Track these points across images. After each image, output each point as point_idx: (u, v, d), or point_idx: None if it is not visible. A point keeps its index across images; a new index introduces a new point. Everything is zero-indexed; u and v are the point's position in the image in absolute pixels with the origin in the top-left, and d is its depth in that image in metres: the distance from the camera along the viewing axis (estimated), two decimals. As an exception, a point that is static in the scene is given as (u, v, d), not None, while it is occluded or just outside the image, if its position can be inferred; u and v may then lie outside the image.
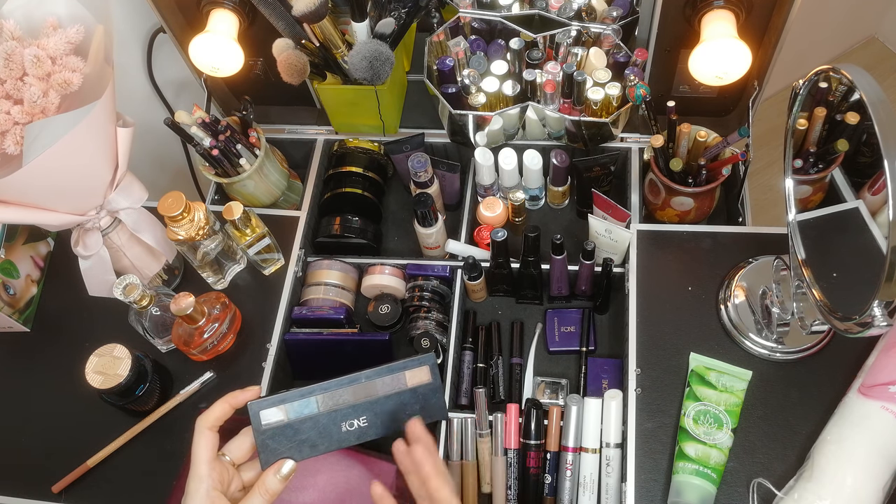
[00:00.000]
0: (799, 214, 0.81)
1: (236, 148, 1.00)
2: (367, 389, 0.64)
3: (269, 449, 0.61)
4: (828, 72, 0.70)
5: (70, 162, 0.79)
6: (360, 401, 0.64)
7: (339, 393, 0.63)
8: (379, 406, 0.64)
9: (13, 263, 1.02)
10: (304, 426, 0.61)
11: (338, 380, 0.63)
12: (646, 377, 0.86)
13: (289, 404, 0.61)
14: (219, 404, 0.61)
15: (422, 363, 0.67)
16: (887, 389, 0.74)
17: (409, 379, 0.66)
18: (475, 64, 1.04)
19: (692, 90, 1.05)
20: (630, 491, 0.80)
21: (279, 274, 1.02)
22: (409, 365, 0.66)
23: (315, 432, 0.62)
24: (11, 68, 0.77)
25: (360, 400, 0.64)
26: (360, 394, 0.64)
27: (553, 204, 1.10)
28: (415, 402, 0.66)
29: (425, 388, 0.66)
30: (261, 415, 0.61)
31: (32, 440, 0.96)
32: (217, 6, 0.98)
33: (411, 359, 0.66)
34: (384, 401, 0.64)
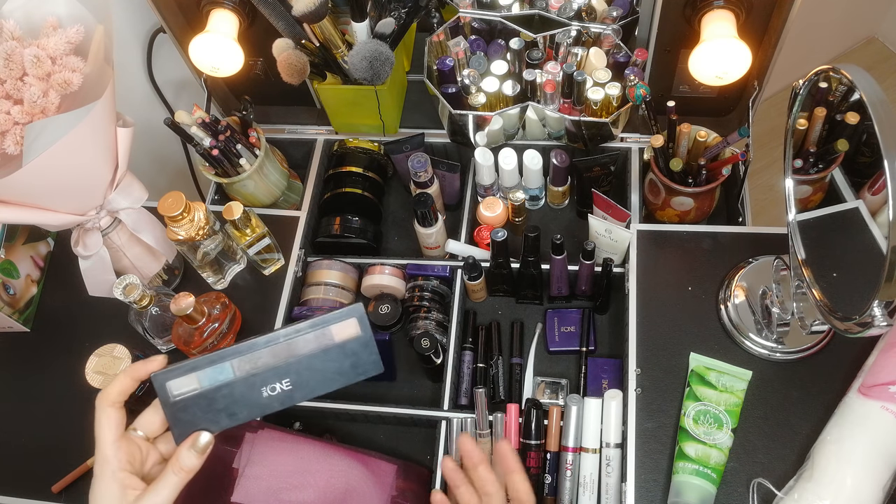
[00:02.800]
0: (799, 214, 0.81)
1: (236, 148, 1.00)
2: (289, 349, 0.57)
3: (182, 422, 0.55)
4: (828, 72, 0.70)
5: (70, 162, 0.79)
6: (281, 362, 0.57)
7: (256, 356, 0.56)
8: (303, 366, 0.57)
9: (13, 263, 1.02)
10: (220, 394, 0.56)
11: (253, 340, 0.56)
12: (646, 377, 0.86)
13: (200, 372, 0.55)
14: (120, 378, 0.56)
15: (349, 315, 0.58)
16: (887, 389, 0.74)
17: (335, 334, 0.58)
18: (475, 64, 1.04)
19: (692, 90, 1.05)
20: (630, 491, 0.80)
21: (279, 274, 1.02)
22: (333, 318, 0.58)
23: (232, 400, 0.56)
24: (11, 68, 0.77)
25: (280, 362, 0.57)
26: (280, 354, 0.57)
27: (553, 204, 1.10)
28: (344, 359, 0.59)
29: (355, 343, 0.58)
30: (168, 386, 0.55)
31: (32, 440, 0.96)
32: (217, 6, 0.98)
33: (336, 311, 0.58)
34: (309, 360, 0.57)
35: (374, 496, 0.82)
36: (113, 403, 0.56)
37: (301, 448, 0.83)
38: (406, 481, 0.86)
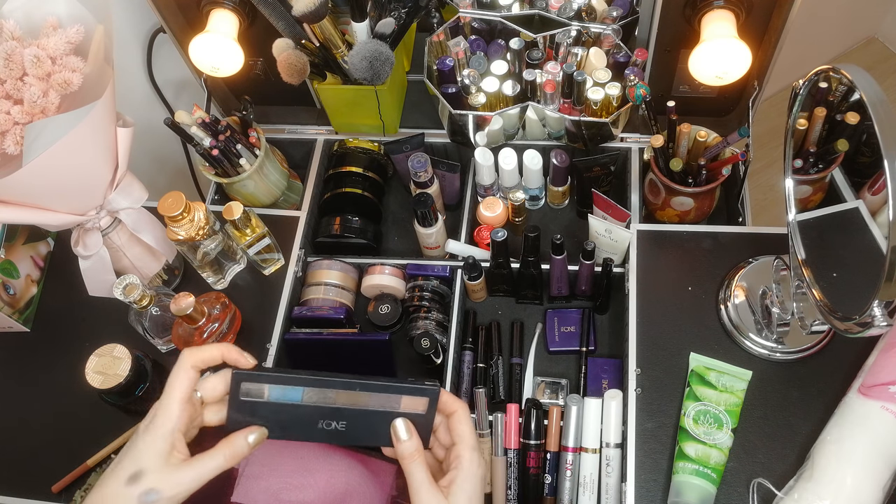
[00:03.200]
0: (799, 214, 0.81)
1: (236, 148, 1.00)
2: (358, 398, 0.59)
3: (240, 413, 0.57)
4: (828, 72, 0.70)
5: (70, 162, 0.79)
6: (345, 406, 0.59)
7: (328, 392, 0.58)
8: (362, 417, 0.60)
9: (13, 263, 1.02)
10: (282, 410, 0.58)
11: (332, 378, 0.58)
12: (646, 377, 0.86)
13: (273, 386, 0.57)
14: (213, 348, 0.57)
15: (423, 394, 0.60)
16: (887, 389, 0.74)
17: (403, 404, 0.60)
18: (475, 64, 1.04)
19: (692, 90, 1.05)
20: (630, 491, 0.80)
21: (279, 274, 1.02)
22: (409, 391, 0.60)
23: (290, 419, 0.58)
24: (11, 68, 0.77)
25: (345, 405, 0.59)
26: (348, 400, 0.59)
27: (553, 204, 1.10)
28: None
29: (416, 418, 0.61)
30: (242, 386, 0.56)
31: (32, 440, 0.96)
32: (217, 6, 0.98)
33: (414, 385, 0.60)
34: (370, 414, 0.60)
35: (374, 496, 0.82)
36: (195, 366, 0.56)
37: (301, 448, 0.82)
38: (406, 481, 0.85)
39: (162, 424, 0.54)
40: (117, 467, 0.54)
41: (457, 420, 0.60)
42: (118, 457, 0.55)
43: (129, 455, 0.54)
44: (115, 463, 0.54)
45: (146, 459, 0.54)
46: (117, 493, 0.53)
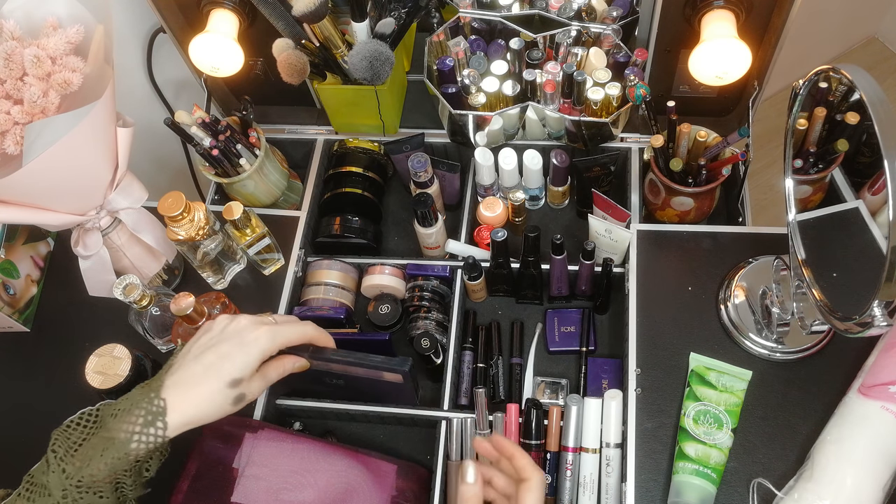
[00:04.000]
0: (799, 214, 0.81)
1: (236, 148, 1.00)
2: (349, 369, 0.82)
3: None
4: (828, 72, 0.70)
5: (70, 162, 0.79)
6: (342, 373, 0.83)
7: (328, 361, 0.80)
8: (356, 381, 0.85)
9: (13, 263, 1.02)
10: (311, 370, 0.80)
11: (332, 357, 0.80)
12: (646, 377, 0.86)
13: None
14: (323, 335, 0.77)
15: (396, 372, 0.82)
16: (887, 389, 0.74)
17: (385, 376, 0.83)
18: (475, 64, 1.04)
19: (692, 90, 1.05)
20: (630, 491, 0.80)
21: (279, 274, 1.02)
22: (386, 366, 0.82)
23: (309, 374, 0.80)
24: (11, 68, 0.77)
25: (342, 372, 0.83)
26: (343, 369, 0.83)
27: (553, 204, 1.10)
28: (388, 390, 0.86)
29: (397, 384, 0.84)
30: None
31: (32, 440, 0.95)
32: (217, 6, 0.98)
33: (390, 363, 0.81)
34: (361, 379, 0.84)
35: (374, 496, 0.82)
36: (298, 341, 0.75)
37: (301, 448, 0.83)
38: (406, 481, 0.86)
39: (262, 350, 0.70)
40: (222, 371, 0.67)
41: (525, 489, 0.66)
42: (217, 359, 0.68)
43: (235, 363, 0.68)
44: (218, 367, 0.68)
45: (245, 371, 0.69)
46: (221, 392, 0.67)
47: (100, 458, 0.62)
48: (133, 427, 0.64)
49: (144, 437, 0.64)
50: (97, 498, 0.63)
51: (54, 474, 0.62)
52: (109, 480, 0.63)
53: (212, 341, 0.70)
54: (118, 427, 0.64)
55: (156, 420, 0.64)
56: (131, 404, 0.65)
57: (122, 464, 0.63)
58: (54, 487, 0.62)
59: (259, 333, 0.70)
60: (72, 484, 0.62)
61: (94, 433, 0.65)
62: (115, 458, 0.63)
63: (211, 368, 0.67)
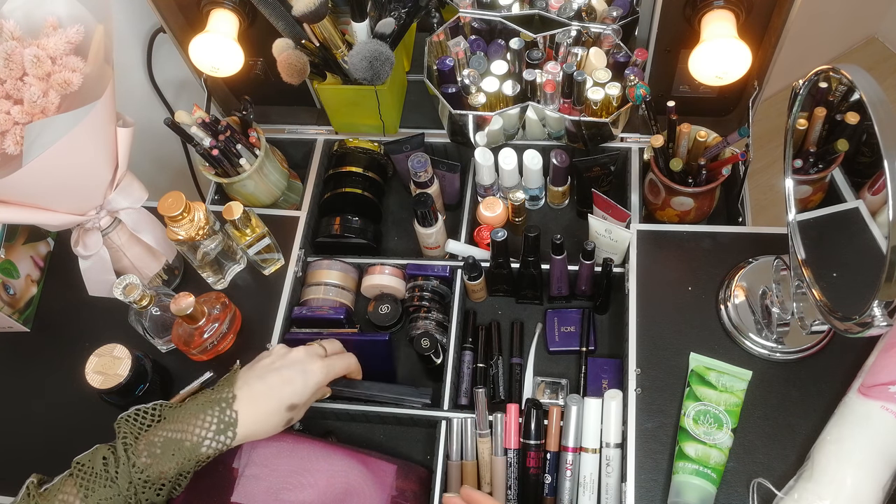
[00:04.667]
0: (799, 214, 0.81)
1: (236, 148, 1.00)
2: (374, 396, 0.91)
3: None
4: (828, 72, 0.70)
5: (70, 162, 0.79)
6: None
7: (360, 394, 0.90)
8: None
9: (13, 263, 1.02)
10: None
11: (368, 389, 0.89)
12: (646, 377, 0.86)
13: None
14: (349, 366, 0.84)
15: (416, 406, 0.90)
16: (887, 389, 0.74)
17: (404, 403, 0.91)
18: (475, 64, 1.04)
19: (692, 90, 1.05)
20: (630, 491, 0.80)
21: (279, 274, 1.02)
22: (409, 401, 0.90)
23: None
24: (11, 68, 0.77)
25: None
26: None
27: (553, 204, 1.10)
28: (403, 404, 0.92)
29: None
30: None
31: (32, 440, 0.96)
32: (217, 6, 0.98)
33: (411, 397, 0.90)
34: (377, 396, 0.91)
35: (374, 496, 0.82)
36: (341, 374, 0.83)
37: (301, 448, 0.83)
38: (406, 481, 0.86)
39: (318, 382, 0.77)
40: (283, 394, 0.73)
41: None
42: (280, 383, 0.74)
43: (295, 390, 0.74)
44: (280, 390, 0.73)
45: (302, 398, 0.75)
46: (278, 412, 0.73)
47: (171, 457, 0.67)
48: (206, 432, 0.69)
49: (216, 443, 0.69)
50: (155, 494, 0.67)
51: (123, 466, 0.66)
52: (173, 479, 0.68)
53: (275, 365, 0.75)
54: (188, 430, 0.68)
55: (227, 429, 0.69)
56: (200, 409, 0.70)
57: (190, 465, 0.68)
58: (122, 479, 0.65)
59: (317, 367, 0.77)
60: (139, 478, 0.66)
61: (155, 430, 0.69)
62: (186, 459, 0.68)
63: (274, 390, 0.73)
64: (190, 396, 0.73)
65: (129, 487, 0.65)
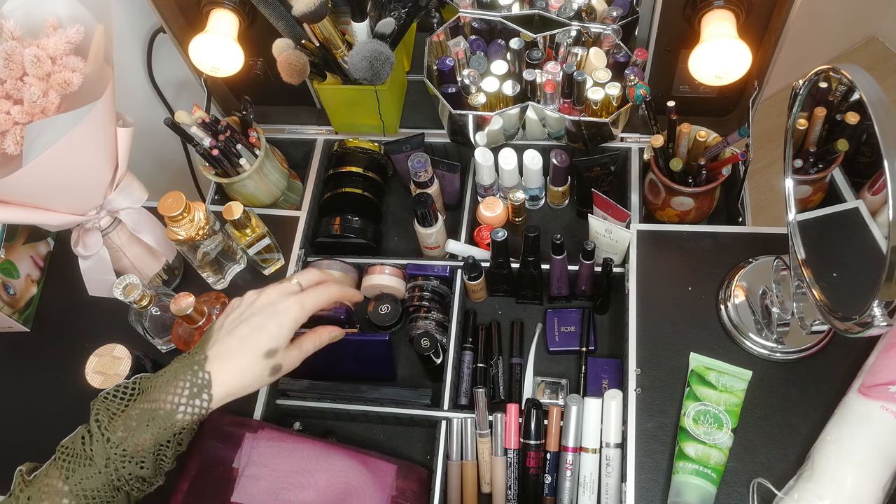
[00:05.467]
0: (799, 214, 0.81)
1: (236, 148, 1.00)
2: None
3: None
4: (828, 72, 0.70)
5: (70, 162, 0.79)
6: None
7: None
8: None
9: (13, 263, 1.02)
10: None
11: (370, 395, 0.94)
12: (646, 377, 0.86)
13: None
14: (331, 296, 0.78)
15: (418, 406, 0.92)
16: (887, 389, 0.74)
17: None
18: (475, 64, 1.04)
19: (692, 90, 1.05)
20: (630, 491, 0.80)
21: (279, 274, 1.02)
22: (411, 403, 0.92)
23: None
24: (11, 68, 0.77)
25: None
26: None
27: (553, 204, 1.10)
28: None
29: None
30: None
31: (32, 440, 0.96)
32: (217, 6, 0.98)
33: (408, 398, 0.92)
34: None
35: (374, 496, 0.82)
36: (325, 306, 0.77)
37: (301, 448, 0.83)
38: (406, 481, 0.86)
39: (294, 319, 0.72)
40: (258, 343, 0.69)
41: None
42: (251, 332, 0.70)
43: (270, 334, 0.70)
44: (253, 339, 0.69)
45: (280, 341, 0.71)
46: (255, 363, 0.69)
47: (146, 427, 0.64)
48: (179, 399, 0.66)
49: (190, 408, 0.66)
50: (138, 468, 0.65)
51: (98, 443, 0.64)
52: (152, 451, 0.65)
53: (243, 315, 0.72)
54: (162, 398, 0.66)
55: (201, 392, 0.66)
56: (173, 376, 0.67)
57: (167, 434, 0.65)
58: (98, 456, 0.63)
59: (289, 304, 0.72)
60: (116, 453, 0.64)
61: (134, 403, 0.67)
62: (161, 429, 0.65)
63: (246, 340, 0.69)
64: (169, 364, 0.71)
65: (107, 464, 0.63)
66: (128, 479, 0.64)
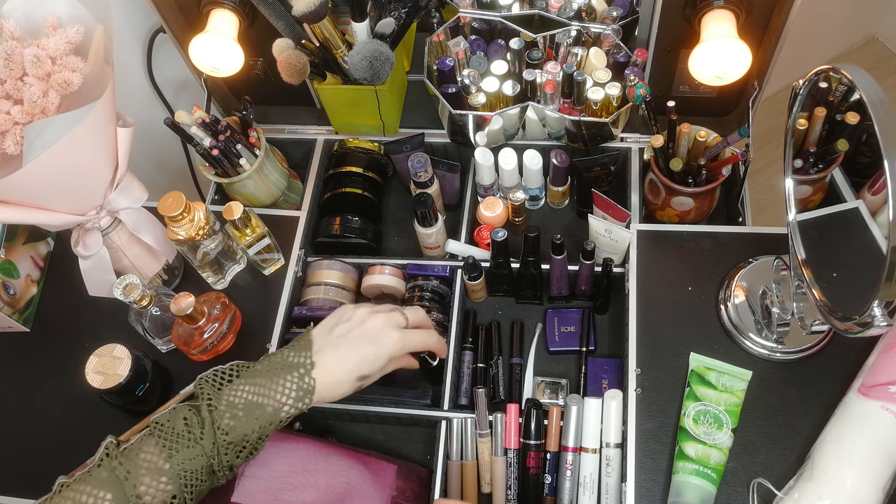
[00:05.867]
0: (799, 214, 0.81)
1: (236, 148, 1.00)
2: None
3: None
4: (828, 72, 0.70)
5: (70, 162, 0.79)
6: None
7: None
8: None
9: (13, 263, 1.02)
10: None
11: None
12: (646, 377, 0.86)
13: None
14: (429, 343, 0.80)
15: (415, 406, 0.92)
16: (887, 389, 0.74)
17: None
18: (475, 64, 1.04)
19: (692, 90, 1.05)
20: (630, 491, 0.80)
21: (279, 274, 1.02)
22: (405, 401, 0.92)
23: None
24: (11, 68, 0.77)
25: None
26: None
27: (553, 204, 1.10)
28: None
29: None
30: None
31: (32, 440, 0.96)
32: (217, 6, 0.98)
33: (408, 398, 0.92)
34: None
35: (374, 496, 0.82)
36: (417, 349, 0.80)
37: (301, 448, 0.82)
38: (406, 481, 0.85)
39: (391, 354, 0.74)
40: (357, 367, 0.72)
41: None
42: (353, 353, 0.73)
43: (368, 362, 0.73)
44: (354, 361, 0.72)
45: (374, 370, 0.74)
46: (348, 381, 0.73)
47: (254, 420, 0.67)
48: (286, 398, 0.69)
49: (294, 409, 0.69)
50: (235, 456, 0.67)
51: (209, 427, 0.66)
52: (254, 442, 0.68)
53: (351, 334, 0.74)
54: (270, 394, 0.69)
55: (306, 396, 0.70)
56: (279, 373, 0.70)
57: (271, 429, 0.69)
58: (207, 440, 0.65)
59: (393, 339, 0.74)
60: (224, 440, 0.66)
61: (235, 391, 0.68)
62: (268, 423, 0.68)
63: (346, 362, 0.72)
64: (264, 355, 0.73)
65: (213, 448, 0.65)
66: (224, 465, 0.66)
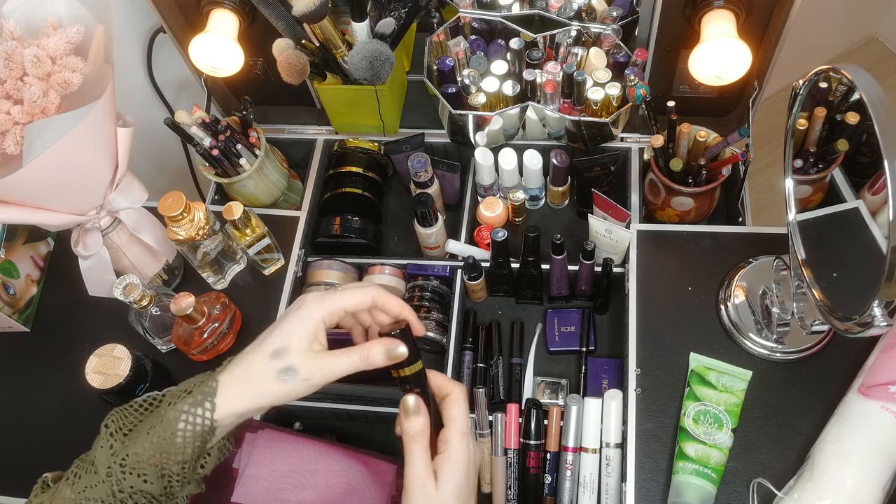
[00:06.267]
0: (799, 214, 0.81)
1: (236, 148, 1.00)
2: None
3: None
4: (828, 72, 0.70)
5: (70, 162, 0.79)
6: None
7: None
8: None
9: (13, 263, 1.02)
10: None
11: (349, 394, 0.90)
12: (646, 377, 0.86)
13: None
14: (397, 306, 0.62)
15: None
16: (887, 389, 0.74)
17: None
18: (475, 64, 1.04)
19: (692, 90, 1.05)
20: (630, 491, 0.80)
21: (279, 274, 1.02)
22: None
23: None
24: (11, 68, 0.77)
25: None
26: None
27: (553, 204, 1.10)
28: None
29: None
30: None
31: (32, 440, 0.96)
32: (217, 6, 0.98)
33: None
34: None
35: (374, 496, 0.82)
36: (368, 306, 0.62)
37: (301, 448, 0.83)
38: (406, 481, 0.85)
39: (313, 313, 0.59)
40: (264, 341, 0.58)
41: (449, 403, 0.60)
42: (265, 333, 0.59)
43: (277, 332, 0.58)
44: (262, 338, 0.59)
45: (292, 339, 0.58)
46: (260, 365, 0.58)
47: (146, 436, 0.58)
48: (183, 405, 0.58)
49: (191, 416, 0.58)
50: (141, 481, 0.58)
51: (102, 450, 0.58)
52: (154, 463, 0.58)
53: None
54: (172, 407, 0.59)
55: (205, 400, 0.58)
56: (190, 385, 0.60)
57: (168, 445, 0.58)
58: (100, 464, 0.58)
59: (312, 297, 0.60)
60: (116, 462, 0.58)
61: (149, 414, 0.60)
62: (161, 438, 0.57)
63: (255, 343, 0.60)
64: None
65: (108, 472, 0.58)
66: (131, 493, 0.58)
